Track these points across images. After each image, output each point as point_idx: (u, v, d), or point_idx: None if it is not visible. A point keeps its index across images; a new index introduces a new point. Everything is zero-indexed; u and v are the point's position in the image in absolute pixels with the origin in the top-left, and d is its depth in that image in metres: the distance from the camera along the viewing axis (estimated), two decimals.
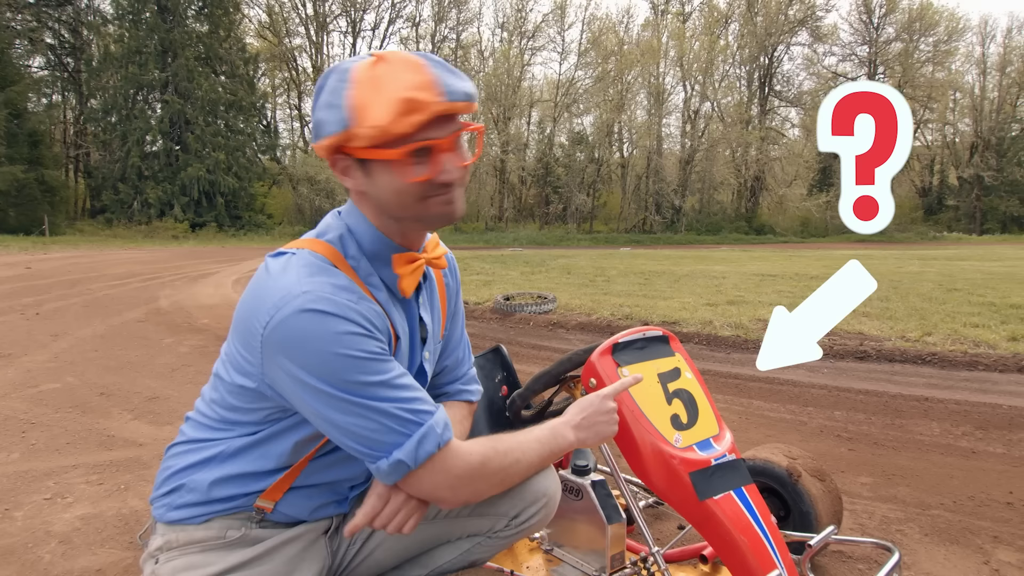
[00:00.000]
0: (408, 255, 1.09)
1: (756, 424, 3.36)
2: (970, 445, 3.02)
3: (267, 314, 0.95)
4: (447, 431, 1.02)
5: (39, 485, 2.44)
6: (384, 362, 0.98)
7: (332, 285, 0.97)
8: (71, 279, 10.58)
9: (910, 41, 40.78)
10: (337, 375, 0.94)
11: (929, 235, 37.46)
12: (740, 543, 1.33)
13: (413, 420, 0.98)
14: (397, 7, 40.18)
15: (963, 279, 9.86)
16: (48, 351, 4.96)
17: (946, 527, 2.15)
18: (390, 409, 0.97)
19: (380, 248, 1.07)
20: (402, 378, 1.00)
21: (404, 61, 0.96)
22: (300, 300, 0.94)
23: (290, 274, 0.98)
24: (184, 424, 1.18)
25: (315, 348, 0.93)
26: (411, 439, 0.98)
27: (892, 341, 5.16)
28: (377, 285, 1.07)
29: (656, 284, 9.71)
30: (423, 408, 1.00)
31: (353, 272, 1.04)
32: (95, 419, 3.28)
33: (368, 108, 0.93)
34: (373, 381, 0.96)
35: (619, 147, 42.65)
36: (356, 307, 0.97)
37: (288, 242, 1.11)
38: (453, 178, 1.00)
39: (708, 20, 41.59)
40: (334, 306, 0.95)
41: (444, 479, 1.02)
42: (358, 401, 0.95)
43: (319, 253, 1.03)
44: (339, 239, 1.07)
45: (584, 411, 1.21)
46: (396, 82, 0.93)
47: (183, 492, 1.10)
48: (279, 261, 1.02)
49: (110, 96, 30.78)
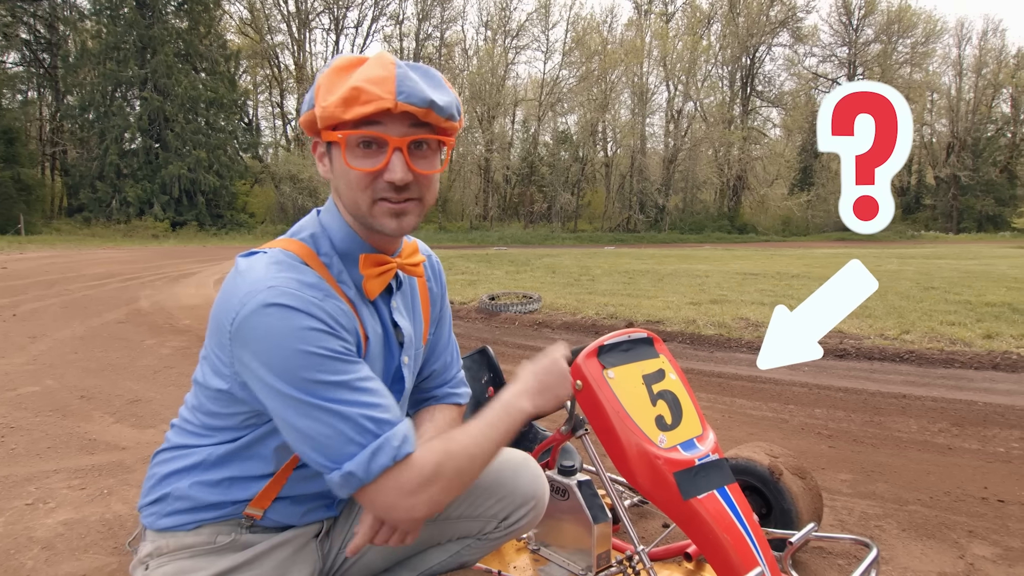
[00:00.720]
0: (377, 257, 1.07)
1: (739, 422, 3.41)
2: (946, 442, 3.09)
3: (233, 310, 0.94)
4: (406, 444, 0.97)
5: (20, 490, 2.41)
6: (347, 363, 0.96)
7: (298, 281, 0.96)
8: (48, 279, 10.41)
9: (888, 43, 41.47)
10: (296, 372, 0.92)
11: (907, 234, 38.13)
12: (723, 541, 1.36)
13: (370, 430, 0.95)
14: (380, 5, 40.04)
15: (940, 277, 10.06)
16: (26, 353, 4.88)
17: (923, 522, 2.20)
18: (348, 413, 0.93)
19: (350, 246, 1.07)
20: (366, 382, 0.97)
21: (380, 59, 0.97)
22: (264, 295, 0.93)
23: (257, 270, 0.97)
24: (169, 431, 1.18)
25: (276, 343, 0.92)
26: (365, 450, 0.94)
27: (871, 339, 5.25)
28: (348, 283, 1.06)
29: (640, 283, 9.78)
30: (383, 417, 0.96)
31: (325, 269, 1.04)
32: (76, 423, 3.24)
33: (324, 90, 0.97)
34: (332, 381, 0.93)
35: (603, 146, 42.87)
36: (321, 304, 0.95)
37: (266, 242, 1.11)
38: (395, 178, 0.97)
39: (691, 20, 41.95)
40: (297, 301, 0.93)
41: (398, 494, 0.97)
42: (315, 403, 0.92)
43: (290, 251, 1.03)
44: (312, 236, 1.07)
45: (537, 375, 1.15)
46: (359, 73, 0.95)
47: (170, 500, 1.10)
48: (248, 259, 1.02)
49: (87, 93, 30.30)
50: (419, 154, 1.00)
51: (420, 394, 1.33)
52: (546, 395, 1.14)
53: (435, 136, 1.00)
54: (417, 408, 1.34)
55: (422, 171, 1.00)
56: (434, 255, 1.34)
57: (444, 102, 0.97)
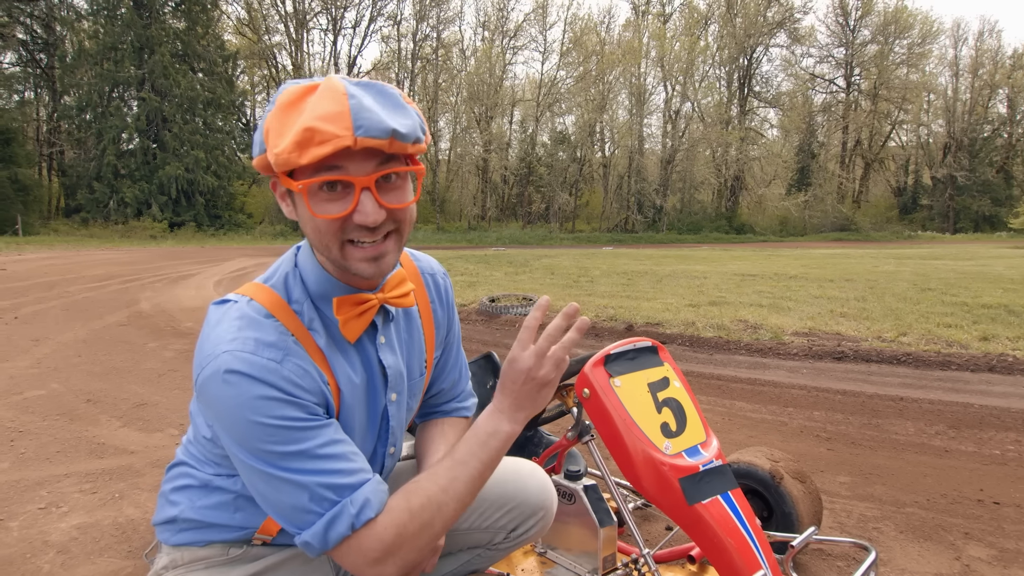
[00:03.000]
0: (354, 298, 1.00)
1: (739, 425, 3.45)
2: (943, 444, 3.14)
3: (197, 369, 0.93)
4: (366, 510, 0.92)
5: (32, 495, 2.44)
6: (304, 430, 0.91)
7: (256, 342, 0.91)
8: (48, 281, 10.42)
9: (885, 43, 41.61)
10: (251, 442, 0.90)
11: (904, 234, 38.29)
12: (727, 545, 1.40)
13: (328, 498, 0.91)
14: (378, 5, 39.97)
15: (937, 278, 10.12)
16: (30, 357, 4.91)
17: (920, 524, 2.25)
18: (303, 482, 0.90)
19: (325, 288, 1.00)
20: (326, 447, 0.92)
21: (331, 90, 0.86)
22: (221, 360, 0.90)
23: (222, 326, 0.94)
24: (179, 447, 1.20)
25: (230, 411, 0.90)
26: (321, 520, 0.91)
27: (868, 341, 5.30)
28: (319, 330, 1.00)
29: (639, 284, 9.83)
30: (343, 482, 0.92)
31: (295, 318, 0.98)
32: (84, 427, 3.27)
33: (274, 134, 0.87)
34: (288, 451, 0.90)
35: (601, 147, 42.92)
36: (279, 367, 0.91)
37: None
38: (367, 220, 0.89)
39: (688, 21, 42.03)
40: (252, 367, 0.89)
41: (363, 562, 0.93)
42: (270, 472, 0.90)
43: (258, 302, 0.97)
44: (284, 282, 1.01)
45: (506, 390, 1.01)
46: (309, 110, 0.85)
47: (180, 522, 1.12)
48: (218, 311, 0.98)
49: (84, 93, 30.22)
50: (388, 187, 0.91)
51: (427, 409, 1.33)
52: (523, 407, 1.02)
53: (403, 168, 0.92)
54: (423, 420, 1.34)
55: (394, 206, 0.92)
56: (440, 272, 1.26)
57: (407, 127, 0.88)
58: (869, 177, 45.79)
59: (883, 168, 46.53)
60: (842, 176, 43.36)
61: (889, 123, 44.37)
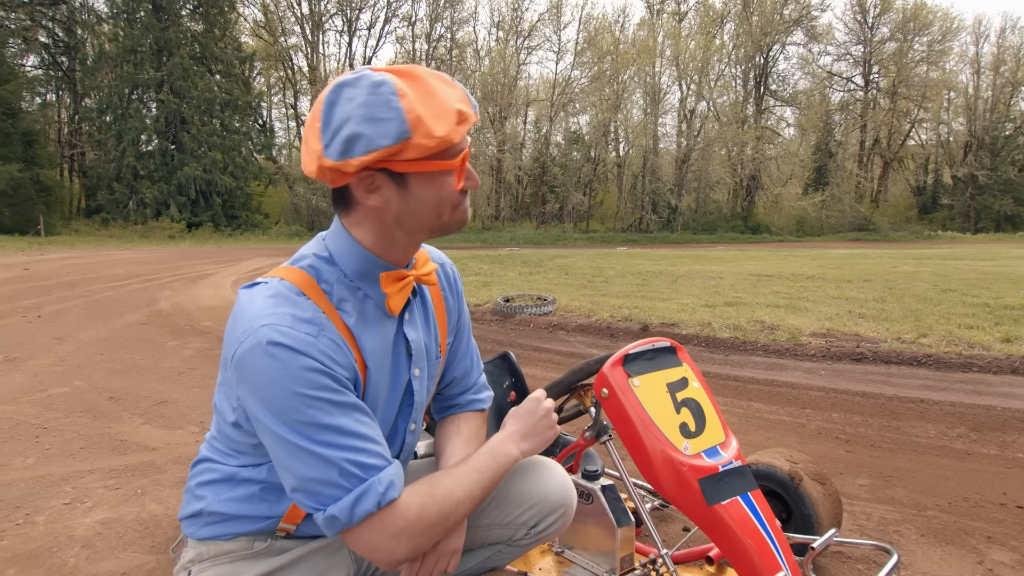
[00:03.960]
0: (396, 273, 1.08)
1: (756, 426, 3.43)
2: (965, 447, 3.10)
3: (232, 347, 0.96)
4: (391, 490, 0.97)
5: (57, 490, 2.49)
6: (340, 405, 0.96)
7: (293, 317, 0.95)
8: (70, 280, 10.60)
9: (904, 41, 41.04)
10: (287, 413, 0.93)
11: (924, 234, 37.74)
12: (747, 546, 1.40)
13: (356, 475, 0.95)
14: (393, 6, 40.22)
15: (958, 279, 9.98)
16: (53, 354, 5.00)
17: (941, 528, 2.22)
18: (334, 458, 0.94)
19: (368, 267, 1.06)
20: (358, 424, 0.97)
21: (436, 75, 0.99)
22: (260, 333, 0.93)
23: (256, 304, 0.97)
24: (203, 444, 1.22)
25: (269, 382, 0.93)
26: (349, 495, 0.95)
27: (888, 343, 5.24)
28: (349, 311, 1.04)
29: (654, 285, 9.79)
30: (370, 462, 0.96)
31: (325, 298, 1.02)
32: (106, 423, 3.32)
33: (427, 119, 0.93)
34: (324, 424, 0.93)
35: (615, 146, 42.81)
36: (315, 341, 0.95)
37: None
38: (478, 183, 1.06)
39: (704, 19, 41.76)
40: (292, 339, 0.93)
41: (381, 538, 0.98)
42: (303, 445, 0.93)
43: (289, 281, 1.01)
44: (312, 265, 1.05)
45: (522, 419, 1.22)
46: (444, 94, 0.96)
47: (205, 516, 1.14)
48: (249, 292, 1.02)
49: (105, 95, 30.73)
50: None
51: (443, 401, 1.36)
52: (533, 439, 1.20)
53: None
54: (441, 416, 1.36)
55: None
56: (448, 262, 1.32)
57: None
58: (888, 176, 45.18)
59: (902, 167, 45.90)
60: (860, 175, 42.83)
61: (908, 121, 43.77)
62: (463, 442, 1.27)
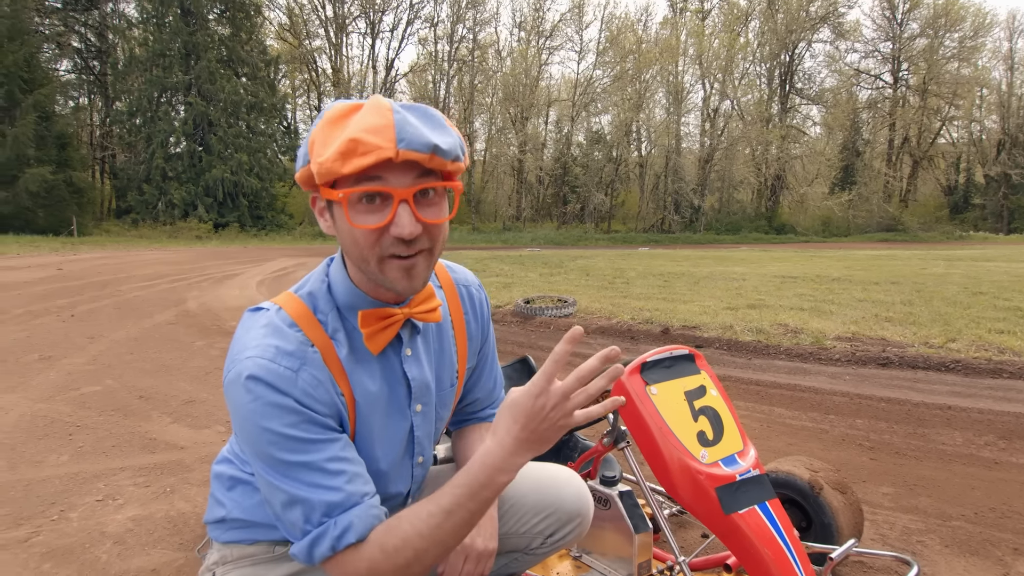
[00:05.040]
0: (378, 312, 1.03)
1: (778, 432, 3.40)
2: (993, 455, 3.04)
3: (224, 372, 0.99)
4: (348, 534, 0.94)
5: (90, 487, 2.57)
6: (310, 442, 0.95)
7: (276, 349, 0.96)
8: (101, 280, 10.87)
9: (935, 37, 40.12)
10: (259, 447, 0.94)
11: (955, 234, 36.88)
12: (764, 555, 1.40)
13: (314, 518, 0.95)
14: (415, 8, 40.44)
15: (989, 281, 9.75)
16: (86, 353, 5.14)
17: (967, 539, 2.19)
18: (299, 495, 0.94)
19: (353, 300, 1.04)
20: (329, 462, 0.95)
21: (376, 106, 0.90)
22: (242, 365, 0.94)
23: (250, 333, 0.99)
24: (225, 446, 1.26)
25: (244, 416, 0.94)
26: (306, 538, 0.95)
27: (915, 347, 5.15)
28: (342, 341, 1.03)
29: (676, 286, 9.73)
30: (334, 500, 0.94)
31: (320, 329, 1.02)
32: (137, 422, 3.42)
33: (319, 144, 0.91)
34: (291, 461, 0.94)
35: (637, 146, 42.55)
36: (294, 376, 0.95)
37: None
38: (403, 232, 0.91)
39: (728, 17, 41.30)
40: (269, 374, 0.93)
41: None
42: (271, 480, 0.95)
43: (285, 311, 1.02)
44: (311, 293, 1.05)
45: (522, 419, 0.91)
46: (354, 123, 0.89)
47: (228, 522, 1.18)
48: (251, 319, 1.03)
49: (135, 98, 31.39)
50: (425, 202, 0.94)
51: (462, 416, 1.37)
52: (529, 448, 0.93)
53: (441, 183, 0.95)
54: (459, 426, 1.38)
55: (430, 220, 0.94)
56: (474, 284, 1.27)
57: (448, 144, 0.92)
58: (917, 175, 44.21)
59: (932, 166, 44.89)
60: (889, 174, 41.99)
61: (939, 119, 42.79)
62: None
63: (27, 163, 24.95)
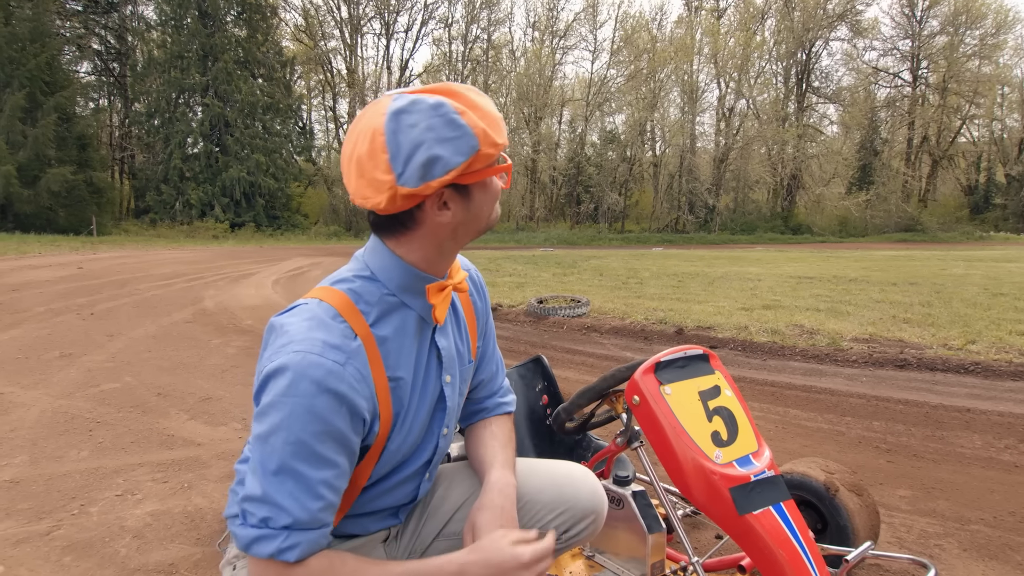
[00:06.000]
0: (438, 284, 1.11)
1: (793, 434, 3.37)
2: (1013, 459, 2.99)
3: (264, 362, 1.00)
4: (289, 552, 0.96)
5: (110, 482, 2.61)
6: (317, 458, 0.96)
7: (324, 344, 0.97)
8: (120, 279, 11.02)
9: (955, 34, 39.50)
10: (271, 437, 0.95)
11: (975, 235, 36.26)
12: (779, 557, 1.39)
13: (274, 522, 0.96)
14: (430, 8, 40.56)
15: (1010, 283, 9.59)
16: (105, 351, 5.22)
17: (985, 543, 2.16)
18: (276, 498, 0.95)
19: (412, 281, 1.09)
20: (321, 486, 0.97)
21: (466, 88, 1.03)
22: (288, 357, 0.95)
23: (292, 327, 1.00)
24: (247, 444, 1.28)
25: (273, 404, 0.95)
26: (255, 530, 0.96)
27: (934, 349, 5.08)
28: (385, 327, 1.07)
29: (690, 287, 9.67)
30: (297, 517, 0.96)
31: (363, 320, 1.04)
32: (155, 419, 3.47)
33: (487, 129, 0.99)
34: (291, 467, 0.95)
35: (652, 145, 42.34)
36: (342, 371, 0.97)
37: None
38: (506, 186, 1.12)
39: (744, 16, 40.96)
40: (318, 369, 0.95)
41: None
42: (260, 469, 0.96)
43: (327, 302, 1.03)
44: (353, 288, 1.07)
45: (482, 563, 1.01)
46: (486, 105, 1.02)
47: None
48: (286, 317, 1.04)
49: (153, 100, 31.81)
50: None
51: (471, 406, 1.39)
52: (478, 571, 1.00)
53: None
54: (468, 422, 1.39)
55: None
56: (474, 268, 1.36)
57: None
58: (937, 175, 43.57)
59: (952, 165, 44.21)
60: (907, 174, 41.43)
61: (959, 118, 42.13)
62: (500, 445, 1.31)
63: (48, 164, 25.37)
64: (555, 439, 2.24)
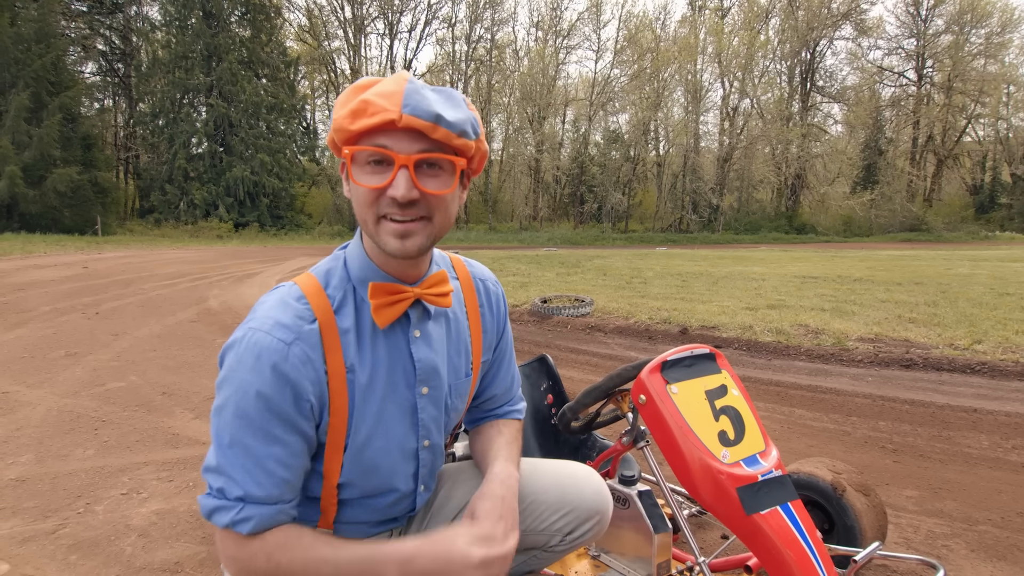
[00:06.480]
0: (388, 286, 1.05)
1: (799, 434, 3.36)
2: (1020, 459, 2.98)
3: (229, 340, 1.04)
4: (243, 524, 0.98)
5: (115, 481, 2.62)
6: (263, 433, 0.98)
7: (275, 322, 0.99)
8: (125, 279, 11.05)
9: (960, 33, 39.32)
10: (224, 410, 0.98)
11: (980, 234, 36.09)
12: (786, 557, 1.38)
13: (231, 493, 0.98)
14: (433, 8, 40.59)
15: (1016, 282, 9.54)
16: (111, 350, 5.23)
17: (993, 543, 2.14)
18: (229, 471, 0.98)
19: (366, 273, 1.07)
20: (270, 460, 0.98)
21: (396, 77, 0.98)
22: (240, 331, 1.00)
23: (259, 306, 1.04)
24: None
25: (225, 377, 0.99)
26: (214, 501, 0.99)
27: (940, 349, 5.06)
28: (347, 315, 1.05)
29: (694, 286, 9.65)
30: (254, 493, 0.98)
31: (327, 303, 1.04)
32: (160, 418, 3.47)
33: (339, 105, 0.99)
34: (240, 440, 0.97)
35: (655, 145, 42.30)
36: (286, 350, 0.97)
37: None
38: (397, 194, 0.95)
39: (747, 15, 40.85)
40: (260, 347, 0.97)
41: (220, 549, 1.03)
42: (216, 441, 0.99)
43: (298, 286, 1.06)
44: (327, 270, 1.09)
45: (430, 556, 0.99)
46: (372, 89, 0.96)
47: None
48: (267, 294, 1.08)
49: (158, 100, 31.90)
50: (429, 173, 0.98)
51: (480, 414, 1.38)
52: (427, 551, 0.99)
53: (444, 156, 0.98)
54: (476, 424, 1.38)
55: (429, 190, 0.97)
56: (491, 279, 1.31)
57: (454, 118, 0.95)
58: (942, 174, 43.38)
59: (957, 165, 44.01)
60: (912, 173, 41.26)
61: (964, 117, 41.93)
62: (506, 441, 1.29)
63: (53, 164, 25.45)
64: (560, 438, 2.24)
